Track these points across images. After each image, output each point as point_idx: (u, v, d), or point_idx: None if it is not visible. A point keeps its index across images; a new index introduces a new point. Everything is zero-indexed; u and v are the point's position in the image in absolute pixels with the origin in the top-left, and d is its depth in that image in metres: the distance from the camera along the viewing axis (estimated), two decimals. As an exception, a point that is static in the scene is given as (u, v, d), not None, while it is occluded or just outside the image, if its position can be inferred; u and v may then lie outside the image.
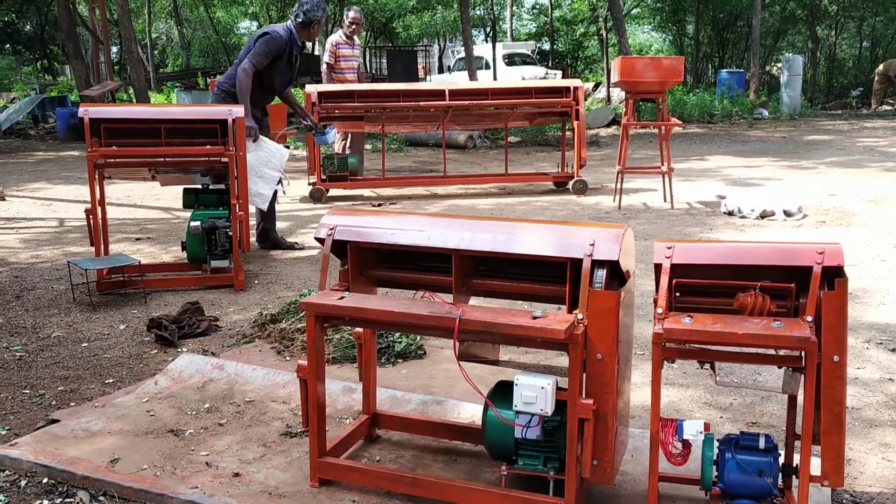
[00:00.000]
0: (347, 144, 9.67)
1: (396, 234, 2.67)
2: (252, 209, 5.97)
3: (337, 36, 9.60)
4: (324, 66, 9.68)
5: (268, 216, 6.29)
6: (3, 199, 9.00)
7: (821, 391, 2.18)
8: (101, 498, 2.61)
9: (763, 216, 7.25)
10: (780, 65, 24.45)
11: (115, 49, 27.16)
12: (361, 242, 2.72)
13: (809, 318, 2.18)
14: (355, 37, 9.60)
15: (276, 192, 6.16)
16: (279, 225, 6.58)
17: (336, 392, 3.34)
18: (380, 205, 8.53)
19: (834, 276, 2.20)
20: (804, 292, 2.24)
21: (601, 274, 2.34)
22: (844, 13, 29.59)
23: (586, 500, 2.51)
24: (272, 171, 5.72)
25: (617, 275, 2.42)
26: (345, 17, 9.54)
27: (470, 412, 3.11)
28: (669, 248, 2.37)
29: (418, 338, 3.97)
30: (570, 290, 2.44)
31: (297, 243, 6.47)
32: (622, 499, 2.56)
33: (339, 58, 9.50)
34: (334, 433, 2.87)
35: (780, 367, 2.36)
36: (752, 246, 2.39)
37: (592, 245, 2.36)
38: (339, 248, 2.76)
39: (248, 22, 39.71)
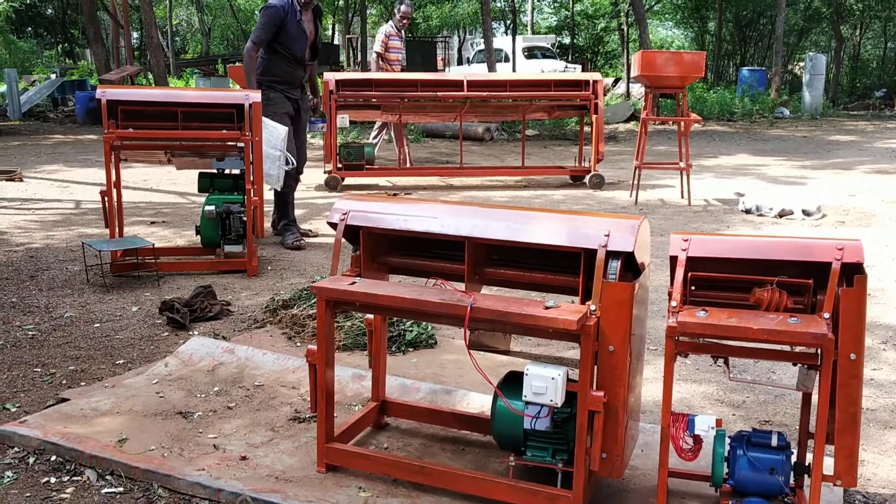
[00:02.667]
0: (387, 132, 9.96)
1: (409, 220, 2.65)
2: (269, 195, 5.95)
3: (389, 27, 9.88)
4: (374, 56, 9.91)
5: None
6: (21, 181, 9.05)
7: (836, 390, 2.14)
8: (108, 477, 2.61)
9: (781, 215, 7.18)
10: (802, 64, 24.21)
11: (135, 34, 27.30)
12: (374, 228, 2.69)
13: (827, 315, 2.14)
14: (402, 30, 9.93)
15: (295, 180, 6.13)
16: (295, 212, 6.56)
17: (346, 379, 3.32)
18: (395, 194, 8.52)
19: (853, 272, 2.15)
20: (822, 289, 2.20)
21: (615, 265, 2.31)
22: (870, 13, 29.23)
23: (594, 494, 2.49)
24: (272, 150, 5.57)
25: (631, 267, 2.38)
26: (396, 10, 9.87)
27: (479, 402, 3.09)
28: (686, 240, 2.33)
29: (429, 327, 3.95)
30: (583, 280, 2.41)
31: (311, 231, 6.46)
32: (631, 493, 2.53)
33: (389, 48, 9.80)
34: (343, 419, 2.86)
35: (795, 365, 2.32)
36: (769, 240, 2.35)
37: (607, 236, 2.33)
38: (352, 233, 2.73)
39: (269, 10, 39.74)
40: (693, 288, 2.35)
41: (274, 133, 5.61)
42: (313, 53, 6.18)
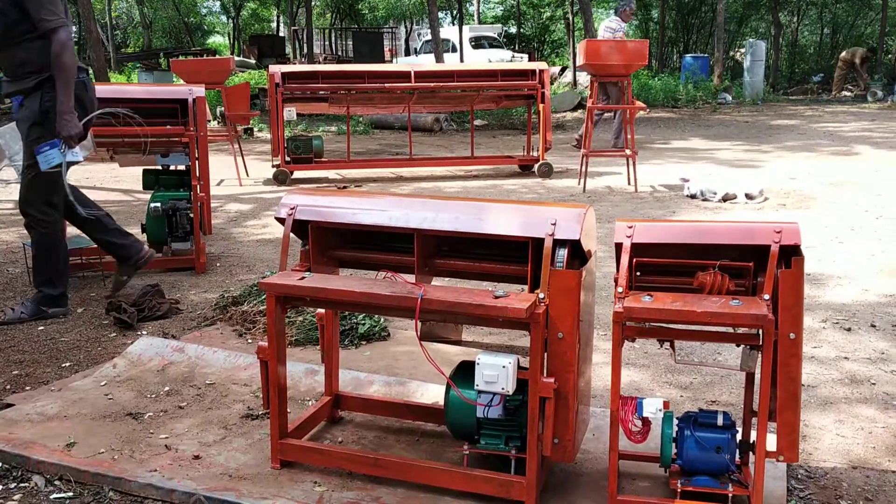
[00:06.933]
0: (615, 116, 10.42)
1: (358, 213, 2.64)
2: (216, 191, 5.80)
3: (620, 24, 10.49)
4: None
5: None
6: (-43, 181, 8.77)
7: (777, 369, 2.21)
8: (57, 482, 2.56)
9: (725, 199, 7.34)
10: (743, 50, 24.70)
11: (73, 29, 26.57)
12: (322, 222, 2.68)
13: (767, 297, 2.20)
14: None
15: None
16: (241, 207, 6.47)
17: (299, 374, 3.31)
18: (345, 187, 8.48)
19: (791, 254, 2.22)
20: (762, 271, 2.27)
21: (562, 253, 2.34)
22: (806, 0, 29.96)
23: (547, 479, 2.52)
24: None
25: (579, 254, 2.42)
26: (627, 7, 10.65)
27: (433, 393, 3.10)
28: (630, 227, 2.38)
29: (382, 320, 3.95)
30: (531, 269, 2.44)
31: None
32: (583, 477, 2.58)
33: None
34: (296, 415, 2.85)
35: (738, 346, 2.38)
36: (711, 225, 2.41)
37: (554, 224, 2.36)
38: (301, 228, 2.72)
39: (211, 1, 39.16)
40: (639, 274, 2.39)
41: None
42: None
